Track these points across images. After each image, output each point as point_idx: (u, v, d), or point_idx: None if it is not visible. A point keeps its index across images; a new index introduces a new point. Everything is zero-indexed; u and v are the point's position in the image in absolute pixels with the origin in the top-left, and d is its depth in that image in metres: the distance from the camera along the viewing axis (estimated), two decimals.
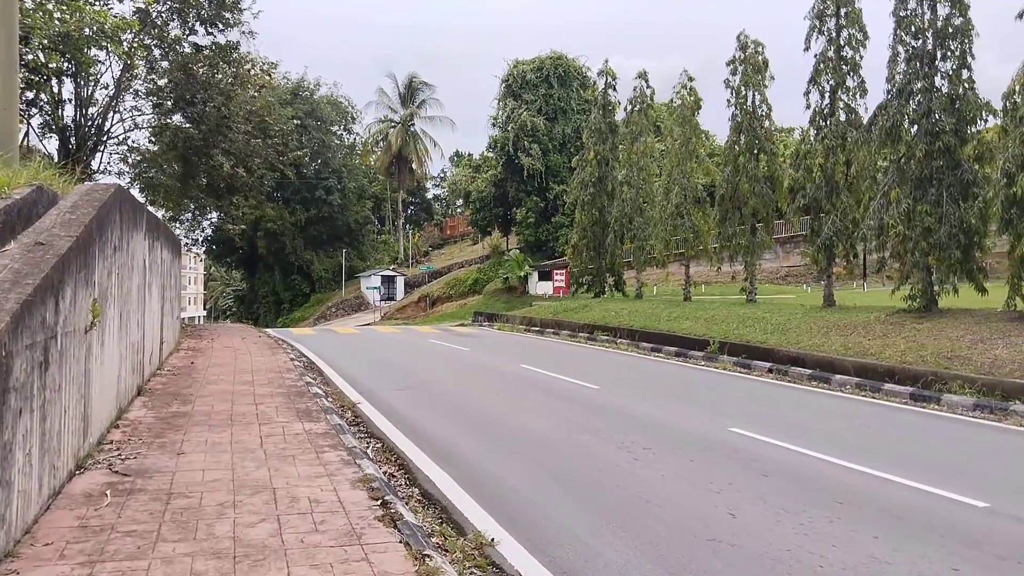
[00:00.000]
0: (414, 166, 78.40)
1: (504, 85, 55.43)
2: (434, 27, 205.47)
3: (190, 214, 43.70)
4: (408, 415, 10.87)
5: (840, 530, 6.15)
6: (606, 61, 32.85)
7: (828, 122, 21.05)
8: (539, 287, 46.01)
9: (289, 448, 7.76)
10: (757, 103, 24.15)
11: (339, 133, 71.30)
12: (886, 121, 18.23)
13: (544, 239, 55.32)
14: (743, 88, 24.11)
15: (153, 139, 25.32)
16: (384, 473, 7.43)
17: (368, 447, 8.74)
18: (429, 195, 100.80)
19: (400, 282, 66.87)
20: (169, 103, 23.58)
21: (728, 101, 24.36)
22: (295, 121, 39.59)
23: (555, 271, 46.29)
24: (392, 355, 19.91)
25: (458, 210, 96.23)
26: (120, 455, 7.34)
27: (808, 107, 21.48)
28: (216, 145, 23.75)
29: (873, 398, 13.53)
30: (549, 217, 54.77)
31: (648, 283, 35.86)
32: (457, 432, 9.80)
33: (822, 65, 21.21)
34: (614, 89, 32.97)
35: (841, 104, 21.00)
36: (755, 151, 24.10)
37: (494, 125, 56.93)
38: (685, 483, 7.48)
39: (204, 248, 72.03)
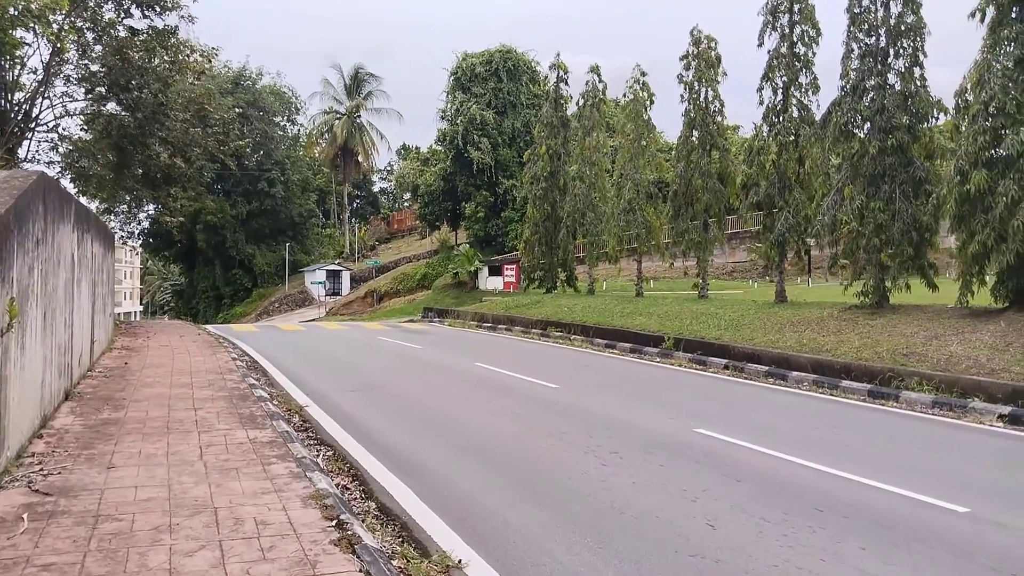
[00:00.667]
0: (360, 159, 77.04)
1: (453, 78, 54.74)
2: (379, 22, 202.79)
3: (125, 206, 42.04)
4: (360, 419, 10.29)
5: (825, 541, 5.84)
6: (558, 55, 32.56)
7: (781, 118, 21.05)
8: (489, 282, 45.60)
9: (232, 460, 7.14)
10: (710, 99, 24.07)
11: (282, 124, 69.65)
12: (840, 117, 18.25)
13: (494, 234, 54.84)
14: (696, 83, 24.00)
15: (85, 127, 24.01)
16: (338, 486, 6.87)
17: (319, 456, 8.15)
18: (375, 188, 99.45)
19: (346, 277, 65.67)
20: (103, 89, 22.33)
21: (681, 96, 24.24)
22: (236, 110, 38.18)
23: (505, 266, 45.93)
24: (340, 353, 19.21)
25: (405, 204, 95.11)
26: (42, 470, 6.63)
27: (761, 103, 21.48)
28: (152, 134, 22.60)
29: (831, 395, 13.43)
30: (499, 212, 54.32)
31: (599, 278, 35.68)
32: (413, 437, 9.27)
33: (775, 61, 21.20)
34: (566, 83, 32.66)
35: (794, 100, 21.03)
36: (707, 147, 24.03)
37: (443, 118, 56.24)
38: (658, 491, 7.10)
39: (140, 241, 69.65)
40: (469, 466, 8.01)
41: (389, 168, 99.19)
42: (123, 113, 23.21)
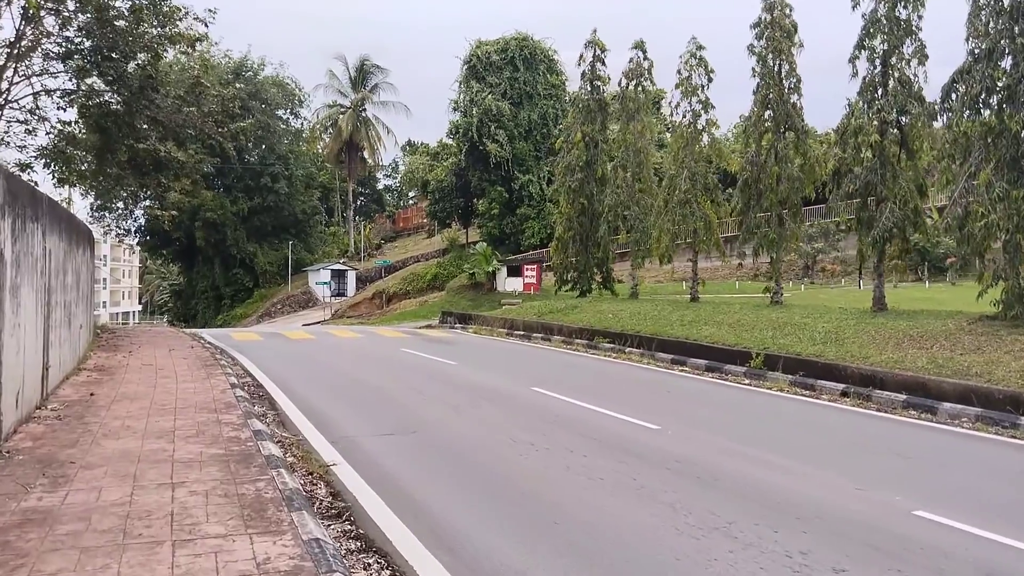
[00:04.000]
0: (366, 154, 73.74)
1: (467, 67, 51.58)
2: (384, 20, 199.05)
3: (122, 203, 38.88)
4: (415, 492, 7.06)
5: None
6: (594, 31, 29.12)
7: (881, 93, 17.81)
8: (508, 283, 42.32)
9: None
10: (785, 73, 20.78)
11: (286, 118, 66.31)
12: (971, 88, 15.03)
13: (508, 232, 51.67)
14: (769, 56, 20.71)
15: (63, 105, 20.71)
16: None
17: None
18: (380, 186, 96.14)
19: (351, 277, 62.40)
20: (80, 59, 19.07)
21: (753, 71, 20.91)
22: (238, 85, 34.73)
23: (525, 266, 42.70)
24: (362, 372, 15.95)
25: (411, 201, 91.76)
26: None
27: (855, 75, 18.22)
28: (140, 112, 19.33)
29: (1014, 438, 10.23)
30: (514, 208, 51.18)
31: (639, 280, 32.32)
32: (501, 532, 6.04)
33: (872, 27, 17.95)
34: (603, 63, 29.29)
35: (896, 73, 17.76)
36: (783, 129, 20.75)
37: (455, 109, 53.03)
38: None
39: (137, 239, 66.52)
40: None
41: (394, 165, 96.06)
42: (105, 89, 19.96)
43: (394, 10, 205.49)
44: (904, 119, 17.59)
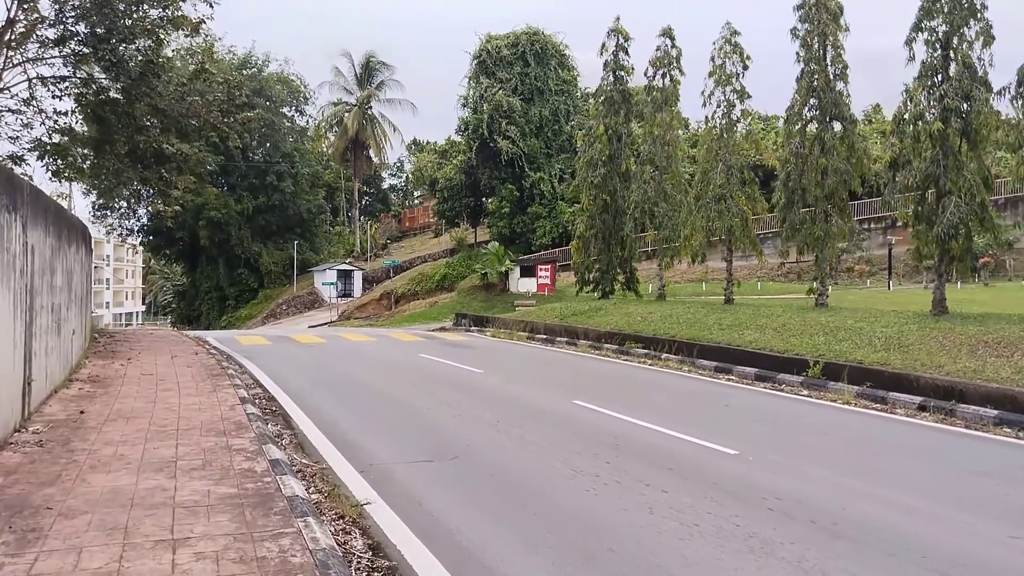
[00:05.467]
0: (371, 153, 72.31)
1: (476, 62, 50.29)
2: (389, 18, 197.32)
3: (124, 202, 37.62)
4: (474, 546, 5.69)
5: None
6: (617, 19, 27.70)
7: (941, 78, 16.42)
8: (521, 284, 40.92)
9: None
10: (831, 59, 19.38)
11: (291, 115, 64.95)
12: None
13: (519, 231, 50.31)
14: (815, 40, 19.30)
15: (58, 93, 19.37)
16: None
17: None
18: (385, 185, 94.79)
19: (358, 277, 61.02)
20: (75, 43, 17.76)
21: (797, 55, 19.51)
22: (244, 72, 33.35)
23: (539, 266, 41.31)
24: (382, 382, 14.59)
25: (416, 201, 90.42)
26: None
27: (912, 59, 16.83)
28: (140, 99, 17.99)
29: None
30: (525, 207, 49.85)
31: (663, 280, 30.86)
32: None
33: (932, 7, 16.58)
34: (626, 52, 27.87)
35: (959, 56, 16.37)
36: (828, 118, 19.36)
37: (464, 106, 51.71)
38: None
39: (140, 239, 65.29)
40: None
41: (399, 164, 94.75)
42: (103, 77, 18.63)
43: (399, 8, 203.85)
44: (966, 106, 16.22)
